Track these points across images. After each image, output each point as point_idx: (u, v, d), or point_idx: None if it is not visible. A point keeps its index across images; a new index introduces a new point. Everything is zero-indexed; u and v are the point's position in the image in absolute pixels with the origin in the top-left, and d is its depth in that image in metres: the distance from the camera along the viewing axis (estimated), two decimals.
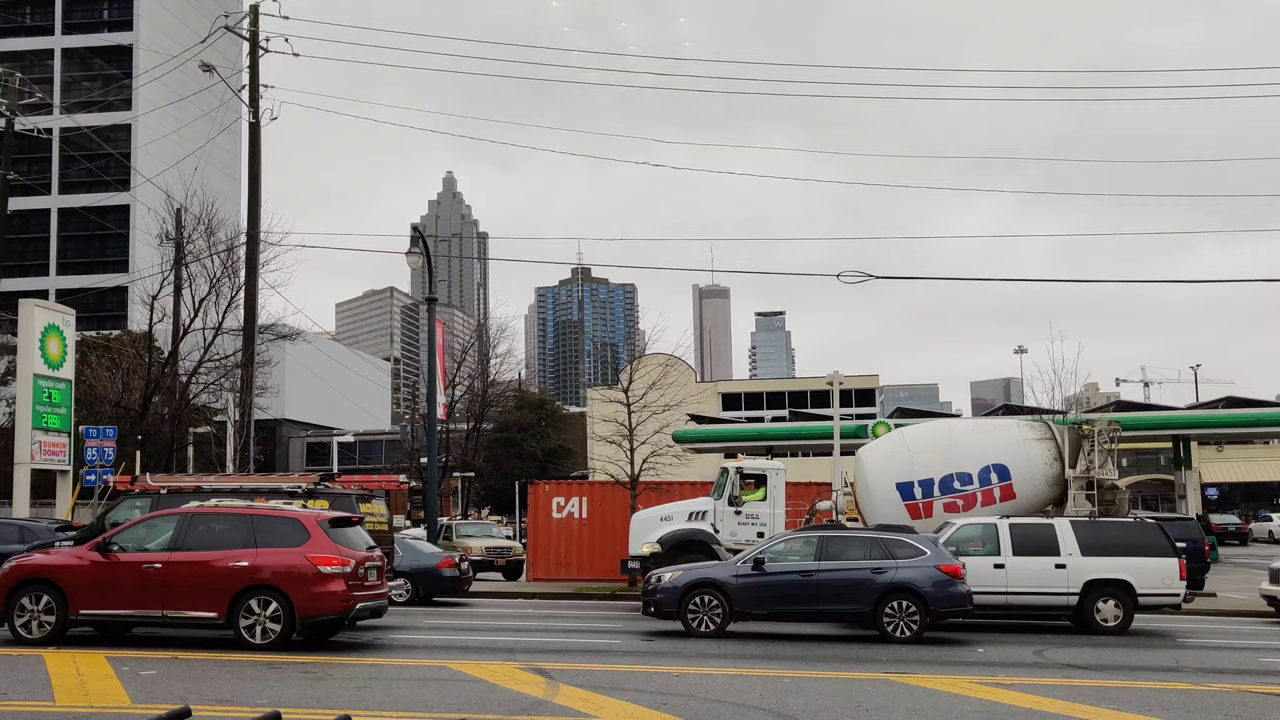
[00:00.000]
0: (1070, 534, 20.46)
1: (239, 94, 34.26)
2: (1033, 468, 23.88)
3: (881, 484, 24.08)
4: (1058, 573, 20.12)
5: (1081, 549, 20.24)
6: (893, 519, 23.25)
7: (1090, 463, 23.59)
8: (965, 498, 23.34)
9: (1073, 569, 20.08)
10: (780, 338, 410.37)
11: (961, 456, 24.10)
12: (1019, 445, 24.40)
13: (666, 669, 14.17)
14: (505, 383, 69.62)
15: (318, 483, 20.41)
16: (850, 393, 78.15)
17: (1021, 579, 20.19)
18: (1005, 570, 20.23)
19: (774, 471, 25.30)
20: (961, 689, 12.92)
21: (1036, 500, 24.11)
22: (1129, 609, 19.98)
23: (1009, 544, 20.40)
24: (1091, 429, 24.29)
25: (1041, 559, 20.22)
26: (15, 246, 69.52)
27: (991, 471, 23.65)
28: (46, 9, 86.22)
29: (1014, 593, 20.25)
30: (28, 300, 32.96)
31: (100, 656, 14.09)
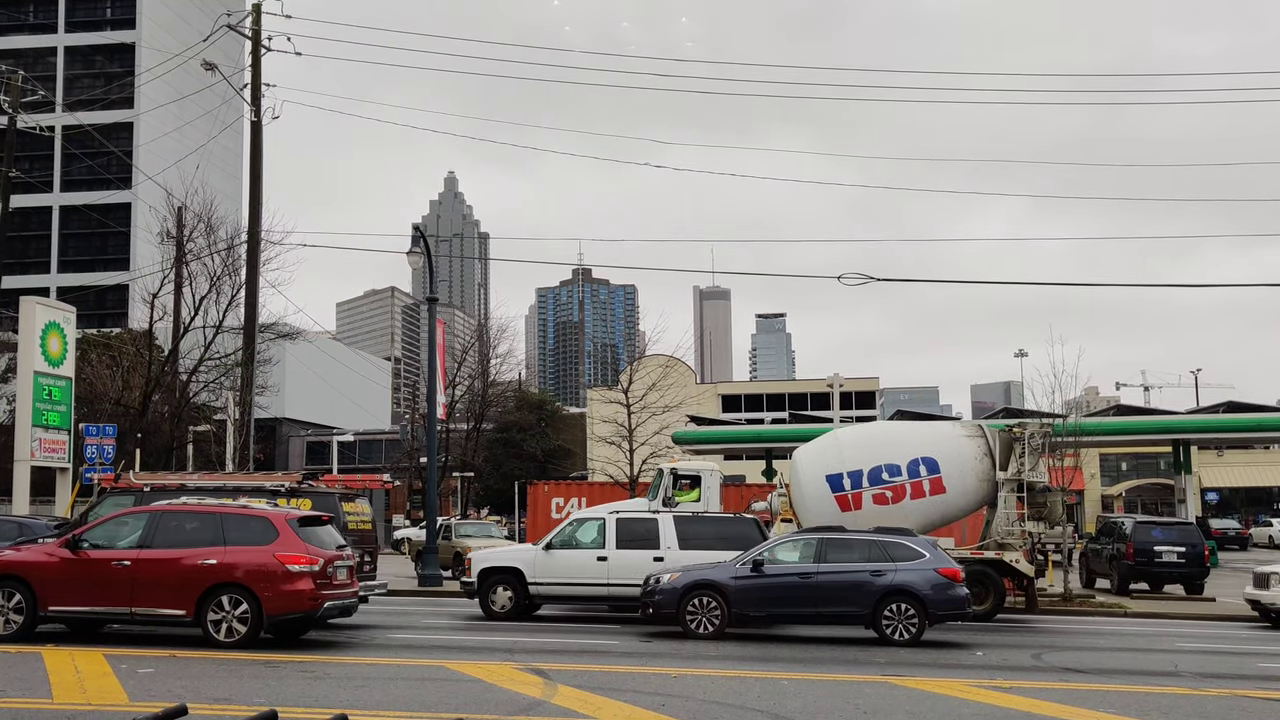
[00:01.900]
0: (671, 528, 21.03)
1: (241, 93, 34.28)
2: (963, 462, 23.75)
3: (812, 477, 24.00)
4: (656, 565, 20.48)
5: (680, 542, 20.81)
6: (823, 513, 23.19)
7: (1021, 465, 23.58)
8: (894, 489, 23.25)
9: (670, 561, 20.53)
10: (781, 340, 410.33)
11: (892, 450, 24.05)
12: (950, 441, 24.47)
13: (665, 670, 14.16)
14: (505, 383, 69.65)
15: (300, 482, 20.42)
16: (850, 395, 78.23)
17: (623, 571, 20.66)
18: (608, 563, 20.76)
19: (708, 473, 25.68)
20: (960, 692, 12.91)
21: (967, 495, 23.92)
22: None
23: (613, 537, 20.97)
24: (1022, 431, 24.22)
25: (642, 552, 20.77)
26: (17, 244, 69.51)
27: (921, 464, 23.52)
28: (50, 7, 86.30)
29: (615, 584, 20.72)
30: (29, 298, 32.97)
31: (98, 654, 14.09)
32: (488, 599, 20.94)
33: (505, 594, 20.92)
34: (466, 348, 66.40)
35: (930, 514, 23.62)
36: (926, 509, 23.38)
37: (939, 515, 23.87)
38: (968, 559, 22.72)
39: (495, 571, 21.11)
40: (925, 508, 23.36)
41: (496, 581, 21.02)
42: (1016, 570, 23.25)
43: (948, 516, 24.24)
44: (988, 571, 22.91)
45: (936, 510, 23.69)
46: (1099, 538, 35.14)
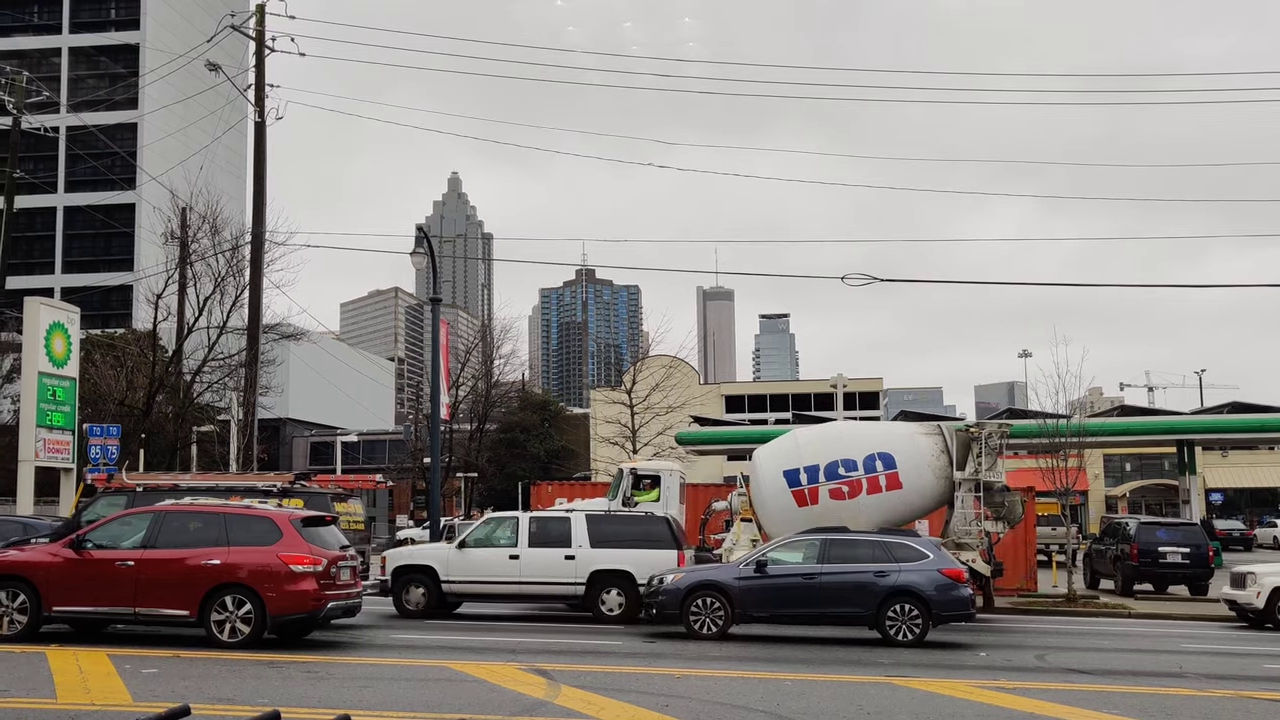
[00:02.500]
0: (583, 527, 21.29)
1: (245, 93, 34.28)
2: (919, 459, 23.76)
3: (770, 474, 24.03)
4: (567, 564, 20.90)
5: (592, 541, 21.10)
6: (780, 510, 23.28)
7: (978, 465, 23.64)
8: (850, 483, 23.20)
9: (581, 560, 20.90)
10: (784, 340, 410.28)
11: (848, 446, 24.11)
12: (907, 438, 24.58)
13: (668, 671, 14.16)
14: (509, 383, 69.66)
15: (293, 482, 20.49)
16: (854, 395, 78.22)
17: (534, 570, 20.95)
18: (520, 561, 20.98)
19: (668, 472, 25.87)
20: (963, 693, 12.90)
21: (925, 492, 23.88)
22: (631, 599, 20.65)
23: (526, 536, 21.21)
24: (979, 431, 24.29)
25: (554, 550, 21.04)
26: (21, 244, 69.63)
27: (878, 459, 23.50)
28: (54, 8, 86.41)
29: (527, 582, 20.99)
30: (33, 298, 32.97)
31: (102, 654, 14.11)
32: (401, 597, 21.07)
33: (419, 592, 21.05)
34: (470, 348, 66.39)
35: (887, 510, 23.58)
36: (883, 504, 23.35)
37: (897, 512, 23.82)
38: None
39: (408, 570, 21.24)
40: (882, 503, 23.34)
41: (410, 580, 21.12)
42: (974, 570, 23.39)
43: (906, 514, 24.18)
44: None
45: (894, 506, 23.63)
46: (1103, 538, 35.11)
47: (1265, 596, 22.58)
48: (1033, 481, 32.91)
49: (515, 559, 20.94)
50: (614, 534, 21.30)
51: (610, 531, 21.35)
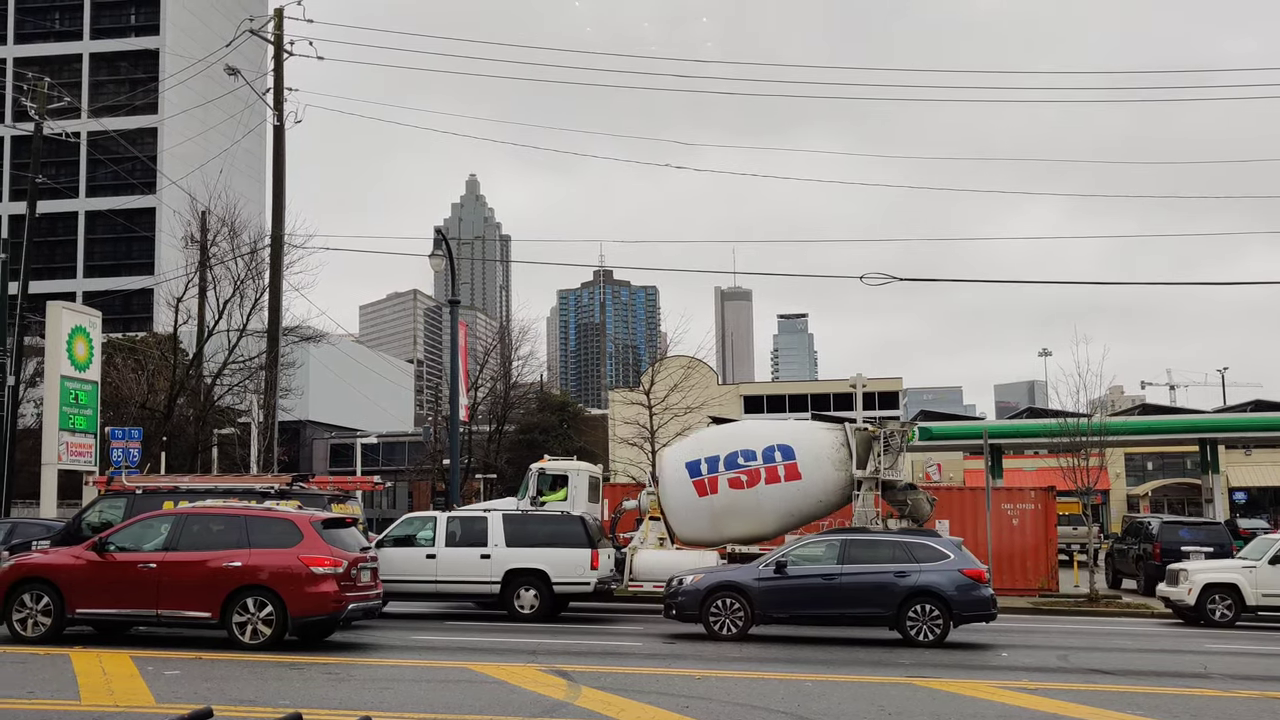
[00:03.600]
0: (500, 526, 21.54)
1: (263, 97, 34.42)
2: (819, 450, 23.95)
3: (673, 466, 24.47)
4: (483, 563, 21.16)
5: (507, 540, 21.36)
6: (682, 500, 23.62)
7: (879, 463, 23.68)
8: (749, 473, 23.47)
9: (496, 559, 21.15)
10: (803, 340, 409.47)
11: (749, 440, 24.52)
12: (807, 432, 24.96)
13: (688, 672, 14.14)
14: (527, 385, 69.68)
15: (290, 483, 20.55)
16: (873, 395, 77.97)
17: (451, 569, 21.19)
18: (436, 560, 21.19)
19: (575, 472, 26.21)
20: (985, 693, 12.84)
21: (825, 485, 23.93)
22: (546, 597, 20.99)
23: (442, 536, 21.52)
24: (879, 430, 24.45)
25: (470, 550, 21.31)
26: (43, 249, 70.14)
27: (777, 450, 23.79)
28: (75, 14, 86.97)
29: (443, 581, 21.20)
30: (55, 302, 33.20)
31: (125, 656, 14.18)
32: None
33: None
34: (488, 350, 66.51)
35: (789, 501, 23.70)
36: (784, 495, 23.49)
37: (798, 504, 23.92)
38: None
39: None
40: (781, 493, 23.47)
41: None
42: None
43: (809, 506, 24.21)
44: None
45: (794, 497, 23.70)
46: (1125, 538, 34.90)
47: (1196, 594, 22.86)
48: (1054, 481, 32.75)
49: (432, 558, 21.16)
50: (530, 533, 21.51)
51: (526, 531, 21.57)
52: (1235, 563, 24.30)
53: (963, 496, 32.07)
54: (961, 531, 26.85)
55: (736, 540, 23.41)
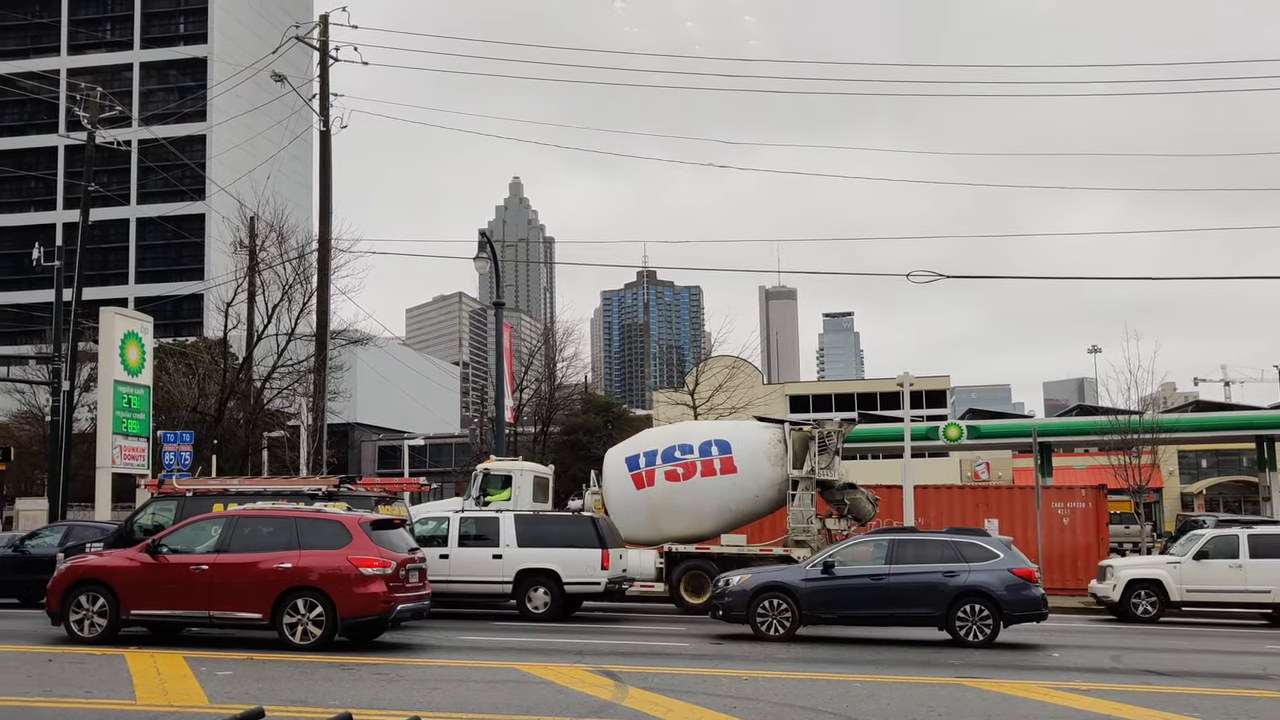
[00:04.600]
0: (511, 526, 21.64)
1: (309, 103, 34.76)
2: (755, 446, 24.20)
3: (614, 462, 24.98)
4: (495, 563, 21.30)
5: (519, 540, 21.43)
6: (620, 494, 24.05)
7: (814, 463, 23.84)
8: (685, 465, 23.84)
9: (508, 559, 21.28)
10: (849, 339, 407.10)
11: (688, 436, 25.00)
12: (744, 429, 25.30)
13: (735, 672, 14.10)
14: (572, 386, 69.81)
15: (338, 485, 20.74)
16: (921, 394, 77.33)
17: (464, 569, 21.31)
18: (449, 560, 21.26)
19: (519, 472, 26.44)
20: (1036, 694, 12.69)
21: (761, 479, 24.07)
22: (557, 596, 21.07)
23: (455, 535, 21.66)
24: (814, 430, 24.50)
25: (482, 549, 21.45)
26: (96, 256, 71.23)
27: (713, 445, 24.16)
28: (126, 25, 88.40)
29: (456, 581, 21.24)
30: (108, 308, 33.72)
31: (179, 656, 14.37)
32: None
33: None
34: (533, 351, 66.66)
35: (724, 495, 23.80)
36: (720, 488, 23.63)
37: (733, 498, 24.00)
38: (756, 555, 23.51)
39: None
40: (717, 487, 23.62)
41: None
42: None
43: (746, 501, 24.26)
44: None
45: (729, 491, 23.81)
46: (1179, 537, 34.39)
47: (1120, 589, 23.05)
48: (1105, 479, 32.35)
49: (445, 558, 21.25)
50: (541, 533, 21.62)
51: (537, 531, 21.68)
52: (1161, 559, 24.58)
53: (1011, 495, 31.76)
54: (1011, 531, 26.59)
55: (675, 539, 23.57)
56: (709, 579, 23.33)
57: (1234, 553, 23.16)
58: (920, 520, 28.00)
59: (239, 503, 18.28)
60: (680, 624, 21.12)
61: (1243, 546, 23.18)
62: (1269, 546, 23.16)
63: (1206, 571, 23.10)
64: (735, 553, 23.59)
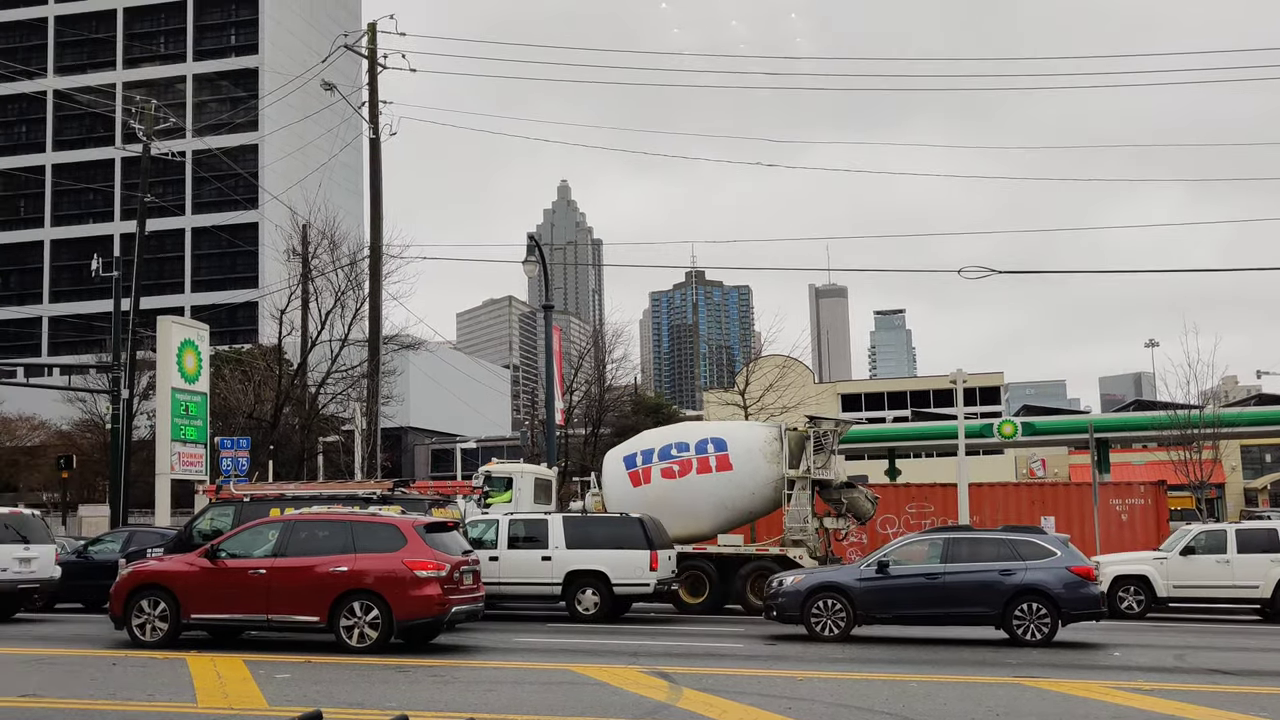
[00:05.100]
0: (560, 528, 21.70)
1: (359, 111, 35.11)
2: (751, 444, 24.24)
3: (613, 462, 25.26)
4: (544, 564, 21.37)
5: (568, 542, 21.47)
6: (619, 493, 24.26)
7: (810, 463, 23.75)
8: (681, 463, 23.98)
9: (557, 561, 21.34)
10: (900, 336, 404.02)
11: (685, 435, 25.25)
12: (741, 428, 25.64)
13: (790, 673, 14.03)
14: (622, 387, 69.87)
15: (392, 488, 20.93)
16: (974, 391, 76.57)
17: (513, 570, 21.38)
18: (499, 562, 21.30)
19: (519, 474, 26.64)
20: (1097, 694, 12.50)
21: (757, 475, 24.00)
22: (606, 598, 21.07)
23: (505, 537, 21.71)
24: (809, 429, 24.38)
25: (531, 551, 21.53)
26: (153, 266, 72.44)
27: (709, 443, 24.27)
28: (179, 37, 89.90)
29: (506, 583, 21.28)
30: (165, 317, 34.28)
31: (238, 660, 14.56)
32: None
33: None
34: (582, 353, 66.82)
35: (719, 492, 23.75)
36: (716, 485, 23.63)
37: (729, 495, 23.93)
38: (752, 555, 23.54)
39: None
40: (713, 484, 23.63)
41: None
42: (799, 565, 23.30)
43: (740, 499, 24.17)
44: (771, 567, 23.11)
45: (725, 489, 23.78)
46: None
47: (1106, 585, 22.48)
48: (1165, 475, 31.85)
49: (495, 560, 21.30)
50: (590, 535, 21.64)
51: (586, 533, 21.70)
52: (1147, 554, 24.18)
53: (1068, 492, 31.38)
54: (1068, 528, 26.29)
55: (673, 538, 23.48)
56: (706, 579, 23.45)
57: (1221, 548, 22.95)
58: (975, 518, 27.76)
59: (295, 507, 18.51)
60: (734, 625, 21.08)
61: (1230, 541, 22.99)
62: (1257, 541, 22.89)
63: (1193, 567, 22.90)
64: (732, 552, 23.63)
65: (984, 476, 38.77)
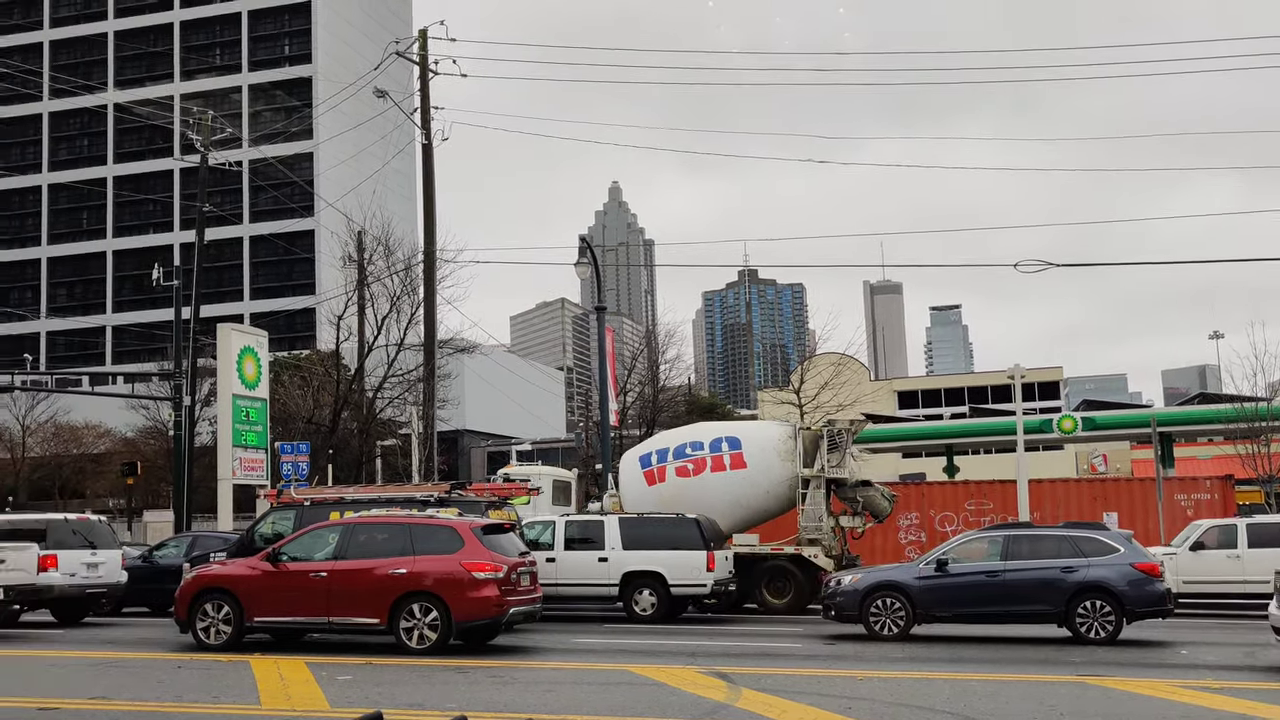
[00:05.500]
0: (616, 529, 21.73)
1: (411, 117, 35.40)
2: (765, 442, 24.23)
3: (629, 462, 25.36)
4: (600, 565, 21.45)
5: (624, 543, 21.51)
6: (635, 492, 24.35)
7: (825, 462, 23.64)
8: (695, 462, 24.04)
9: (614, 562, 21.40)
10: (957, 332, 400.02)
11: (700, 434, 25.31)
12: (755, 426, 25.81)
13: (849, 673, 13.94)
14: (675, 388, 69.82)
15: (449, 491, 21.03)
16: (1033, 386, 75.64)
17: (571, 571, 21.47)
18: (556, 564, 21.39)
19: (537, 476, 26.71)
20: (1164, 693, 12.28)
21: (771, 473, 23.89)
22: (664, 599, 21.08)
23: (561, 539, 21.84)
24: (824, 428, 24.29)
25: (588, 552, 21.64)
26: (212, 274, 73.61)
27: (724, 442, 24.31)
28: (234, 49, 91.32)
29: (564, 584, 21.29)
30: (224, 324, 34.76)
31: (300, 662, 14.74)
32: None
33: None
34: (635, 354, 66.90)
35: (734, 490, 23.67)
36: (728, 484, 23.60)
37: (744, 494, 23.82)
38: (767, 554, 23.40)
39: None
40: (727, 482, 23.60)
41: None
42: (813, 564, 23.24)
43: (755, 497, 24.04)
44: (787, 566, 23.13)
45: (739, 487, 23.70)
46: None
47: None
48: (1232, 469, 31.22)
49: (552, 561, 21.36)
50: (645, 536, 21.65)
51: (642, 533, 21.71)
52: (1157, 550, 23.53)
53: (1130, 487, 30.84)
54: (1131, 524, 25.87)
55: None
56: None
57: (1232, 543, 22.58)
58: (1035, 515, 27.39)
59: (354, 510, 18.68)
60: (793, 625, 20.97)
61: (1241, 536, 22.59)
62: (1268, 536, 22.43)
63: (1203, 563, 22.59)
64: (748, 552, 23.51)
65: (1044, 472, 38.30)
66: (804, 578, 23.27)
